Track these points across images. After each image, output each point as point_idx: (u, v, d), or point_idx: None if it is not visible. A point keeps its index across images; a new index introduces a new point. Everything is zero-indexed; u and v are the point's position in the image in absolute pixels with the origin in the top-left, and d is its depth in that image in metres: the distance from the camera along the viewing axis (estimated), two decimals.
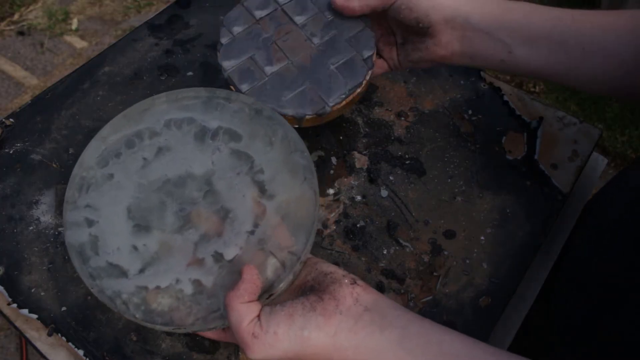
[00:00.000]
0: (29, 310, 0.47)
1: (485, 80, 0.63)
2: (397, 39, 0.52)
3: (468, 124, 0.59)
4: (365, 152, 0.57)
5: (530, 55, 0.46)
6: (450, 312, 0.47)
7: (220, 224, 0.42)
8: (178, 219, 0.42)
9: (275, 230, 0.41)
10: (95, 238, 0.42)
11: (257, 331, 0.35)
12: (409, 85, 0.63)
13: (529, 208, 0.54)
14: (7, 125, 0.57)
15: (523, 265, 0.50)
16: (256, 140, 0.45)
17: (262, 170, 0.44)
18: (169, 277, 0.40)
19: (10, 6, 1.82)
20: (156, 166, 0.45)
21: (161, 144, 0.46)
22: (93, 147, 0.46)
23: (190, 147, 0.45)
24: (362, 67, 0.49)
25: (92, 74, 0.62)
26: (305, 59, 0.50)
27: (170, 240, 0.41)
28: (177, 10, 0.68)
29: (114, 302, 0.39)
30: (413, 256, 0.50)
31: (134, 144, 0.46)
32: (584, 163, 0.57)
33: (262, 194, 0.43)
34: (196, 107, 0.47)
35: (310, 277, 0.40)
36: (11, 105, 1.57)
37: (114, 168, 0.45)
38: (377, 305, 0.37)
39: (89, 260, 0.41)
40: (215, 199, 0.43)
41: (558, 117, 0.61)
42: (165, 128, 0.46)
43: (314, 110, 0.48)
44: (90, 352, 0.45)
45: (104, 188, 0.44)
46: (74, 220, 0.43)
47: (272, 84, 0.49)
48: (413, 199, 0.54)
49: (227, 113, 0.47)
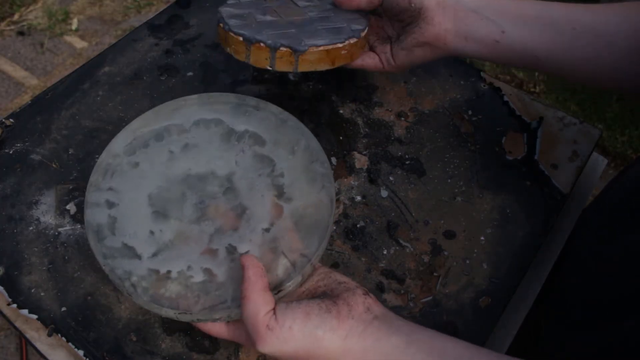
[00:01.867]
0: (29, 310, 0.46)
1: (485, 81, 0.63)
2: (392, 38, 0.53)
3: (468, 124, 0.59)
4: (365, 152, 0.57)
5: (523, 35, 0.47)
6: (450, 312, 0.47)
7: (237, 220, 0.43)
8: (196, 210, 0.44)
9: (290, 231, 0.42)
10: (114, 219, 0.43)
11: (272, 324, 0.35)
12: (409, 86, 0.63)
13: (529, 208, 0.54)
14: (7, 125, 0.57)
15: (523, 265, 0.50)
16: (279, 147, 0.47)
17: (282, 175, 0.45)
18: (180, 263, 0.41)
19: (10, 6, 1.82)
20: (181, 160, 0.46)
21: (189, 141, 0.47)
22: (122, 137, 0.47)
23: (216, 146, 0.47)
24: (349, 33, 0.51)
25: (92, 74, 0.62)
26: (297, 19, 0.52)
27: (186, 230, 0.43)
28: (177, 10, 0.68)
29: (123, 283, 0.40)
30: (413, 256, 0.50)
31: (162, 137, 0.48)
32: (584, 163, 0.57)
33: (280, 196, 0.44)
34: (226, 111, 0.49)
35: (323, 284, 0.40)
36: (11, 105, 1.57)
37: (141, 157, 0.46)
38: (385, 315, 0.38)
39: (104, 240, 0.42)
40: (234, 196, 0.44)
41: (558, 117, 0.61)
42: (194, 126, 0.48)
43: (289, 43, 0.48)
44: (90, 352, 0.45)
45: (128, 174, 0.45)
46: (94, 200, 0.44)
47: (259, 25, 0.51)
48: (413, 199, 0.54)
49: (255, 119, 0.49)
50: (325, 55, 0.50)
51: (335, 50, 0.50)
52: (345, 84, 0.62)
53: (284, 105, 0.48)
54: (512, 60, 0.49)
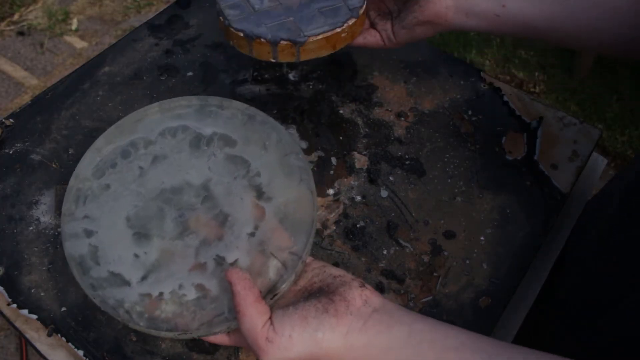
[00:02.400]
0: (28, 310, 0.46)
1: (485, 81, 0.63)
2: (393, 14, 0.53)
3: (468, 124, 0.59)
4: (365, 152, 0.57)
5: (523, 7, 0.47)
6: (450, 313, 0.47)
7: (220, 228, 0.42)
8: (177, 225, 0.42)
9: (275, 231, 0.42)
10: (95, 248, 0.42)
11: (271, 335, 0.35)
12: (409, 86, 0.63)
13: (529, 208, 0.54)
14: (7, 125, 0.57)
15: (523, 265, 0.50)
16: (251, 144, 0.46)
17: (258, 174, 0.44)
18: (171, 283, 0.40)
19: (10, 6, 1.82)
20: (153, 174, 0.45)
21: (157, 153, 0.46)
22: (88, 158, 0.46)
23: (186, 154, 0.46)
24: (347, 13, 0.51)
25: (92, 74, 0.62)
26: (294, 3, 0.52)
27: (171, 247, 0.41)
28: (177, 10, 0.68)
29: (117, 312, 0.39)
30: (413, 256, 0.50)
31: (129, 153, 0.46)
32: (584, 163, 0.57)
33: (260, 196, 0.43)
34: (189, 115, 0.48)
35: (318, 279, 0.40)
36: (11, 105, 1.57)
37: (111, 178, 0.45)
38: (384, 306, 0.37)
39: (89, 271, 0.41)
40: (213, 204, 0.43)
41: (558, 117, 0.61)
42: (160, 137, 0.47)
43: (289, 36, 0.49)
44: (90, 352, 0.45)
45: (101, 199, 0.44)
46: (72, 231, 0.42)
47: (257, 16, 0.51)
48: (413, 199, 0.54)
49: (221, 119, 0.47)
50: (325, 42, 0.50)
51: (335, 36, 0.50)
52: (345, 84, 0.62)
53: (284, 105, 0.48)
54: (513, 32, 0.49)
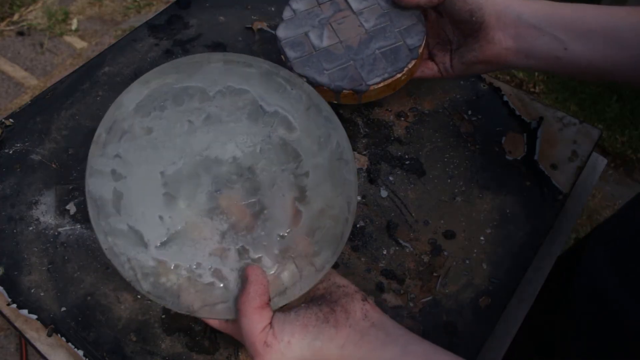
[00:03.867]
0: (28, 310, 0.46)
1: (485, 81, 0.63)
2: (452, 45, 0.52)
3: (468, 124, 0.59)
4: (365, 152, 0.57)
5: (585, 50, 0.45)
6: (450, 313, 0.47)
7: (253, 219, 0.40)
8: (210, 199, 0.40)
9: (304, 240, 0.40)
10: (120, 195, 0.38)
11: (270, 340, 0.35)
12: (409, 86, 0.63)
13: (529, 208, 0.54)
14: (7, 125, 0.57)
15: (523, 265, 0.50)
16: (308, 138, 0.43)
17: (307, 174, 0.42)
18: (190, 259, 0.38)
19: (10, 6, 1.82)
20: (201, 135, 0.41)
21: (211, 112, 0.42)
22: (134, 90, 0.41)
23: (242, 125, 0.42)
24: (407, 55, 0.51)
25: (92, 74, 0.62)
26: (354, 41, 0.52)
27: (198, 221, 0.39)
28: (177, 11, 0.68)
29: (123, 267, 0.37)
30: (413, 256, 0.50)
31: (182, 101, 0.41)
32: (584, 163, 0.57)
33: (301, 199, 0.41)
34: (254, 80, 0.43)
35: (322, 286, 0.40)
36: (11, 105, 1.57)
37: (155, 122, 0.40)
38: (382, 323, 0.38)
39: (108, 218, 0.37)
40: (254, 190, 0.40)
41: (558, 117, 0.61)
42: (218, 95, 0.42)
43: (351, 86, 0.50)
44: (90, 352, 0.45)
45: (140, 142, 0.40)
46: (99, 168, 0.38)
47: (318, 58, 0.51)
48: (413, 199, 0.54)
49: (287, 97, 0.43)
50: (386, 87, 0.51)
51: (395, 81, 0.51)
52: None
53: None
54: (574, 74, 0.47)
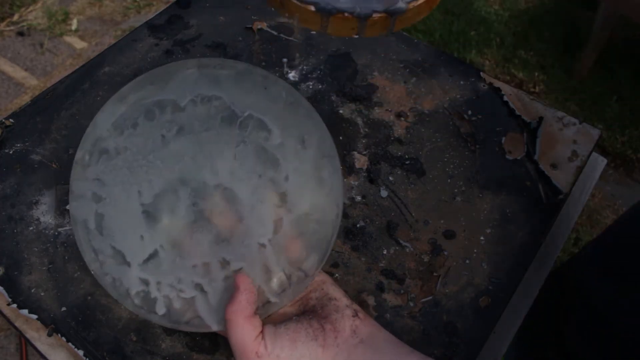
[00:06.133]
0: (28, 310, 0.46)
1: (485, 81, 0.63)
2: None
3: (468, 124, 0.59)
4: (365, 152, 0.57)
5: None
6: (450, 313, 0.47)
7: (233, 229, 0.40)
8: (189, 213, 0.40)
9: (289, 243, 0.39)
10: (101, 216, 0.39)
11: (261, 351, 0.35)
12: (409, 85, 0.63)
13: (529, 208, 0.54)
14: (7, 125, 0.57)
15: (523, 265, 0.50)
16: (287, 139, 0.41)
17: (287, 178, 0.41)
18: (171, 275, 0.39)
19: (10, 6, 1.82)
20: (175, 148, 0.41)
21: (183, 123, 0.41)
22: (110, 107, 0.42)
23: (214, 133, 0.41)
24: None
25: (92, 74, 0.62)
26: None
27: (178, 236, 0.39)
28: (177, 11, 0.68)
29: (110, 287, 0.38)
30: (413, 256, 0.50)
31: (153, 115, 0.41)
32: (584, 163, 0.57)
33: (282, 205, 0.40)
34: (229, 82, 0.42)
35: (314, 296, 0.40)
36: (11, 105, 1.57)
37: (129, 141, 0.41)
38: (372, 338, 0.38)
39: (92, 240, 0.39)
40: (232, 200, 0.40)
41: (558, 117, 0.61)
42: (190, 104, 0.41)
43: (385, 5, 0.36)
44: (90, 352, 0.45)
45: (116, 162, 0.41)
46: (80, 192, 0.40)
47: None
48: (413, 199, 0.54)
49: (262, 99, 0.42)
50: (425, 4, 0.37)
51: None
52: (345, 83, 0.62)
53: None
54: None
